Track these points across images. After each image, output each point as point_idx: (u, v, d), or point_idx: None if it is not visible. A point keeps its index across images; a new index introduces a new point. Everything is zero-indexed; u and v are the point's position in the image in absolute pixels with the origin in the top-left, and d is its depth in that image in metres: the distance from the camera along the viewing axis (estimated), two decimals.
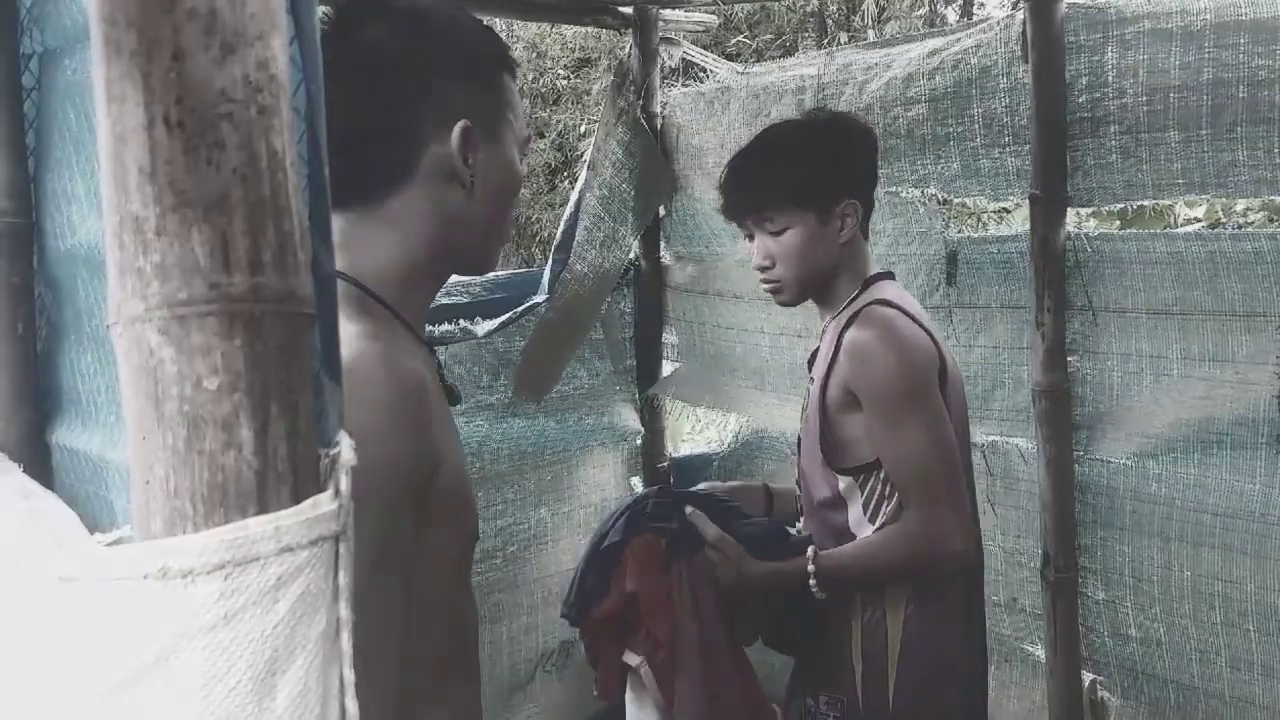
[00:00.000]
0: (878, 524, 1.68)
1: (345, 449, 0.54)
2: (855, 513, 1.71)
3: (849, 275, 1.77)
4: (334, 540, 0.52)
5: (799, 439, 1.84)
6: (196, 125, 0.49)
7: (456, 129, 1.05)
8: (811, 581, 1.67)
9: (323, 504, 0.52)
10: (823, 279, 1.76)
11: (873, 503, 1.69)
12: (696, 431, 5.97)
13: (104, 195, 0.50)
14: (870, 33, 8.17)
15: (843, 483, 1.70)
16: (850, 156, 1.78)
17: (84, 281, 0.81)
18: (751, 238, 1.80)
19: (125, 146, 0.49)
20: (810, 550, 1.70)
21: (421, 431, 0.98)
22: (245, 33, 0.50)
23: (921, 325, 1.70)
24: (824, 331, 1.79)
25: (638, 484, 3.15)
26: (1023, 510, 2.37)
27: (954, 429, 1.70)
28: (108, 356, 0.77)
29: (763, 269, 1.78)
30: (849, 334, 1.67)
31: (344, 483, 0.53)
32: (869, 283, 1.76)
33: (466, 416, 2.74)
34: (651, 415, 3.16)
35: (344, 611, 0.53)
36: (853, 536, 1.71)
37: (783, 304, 1.82)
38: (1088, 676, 2.30)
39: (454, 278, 1.29)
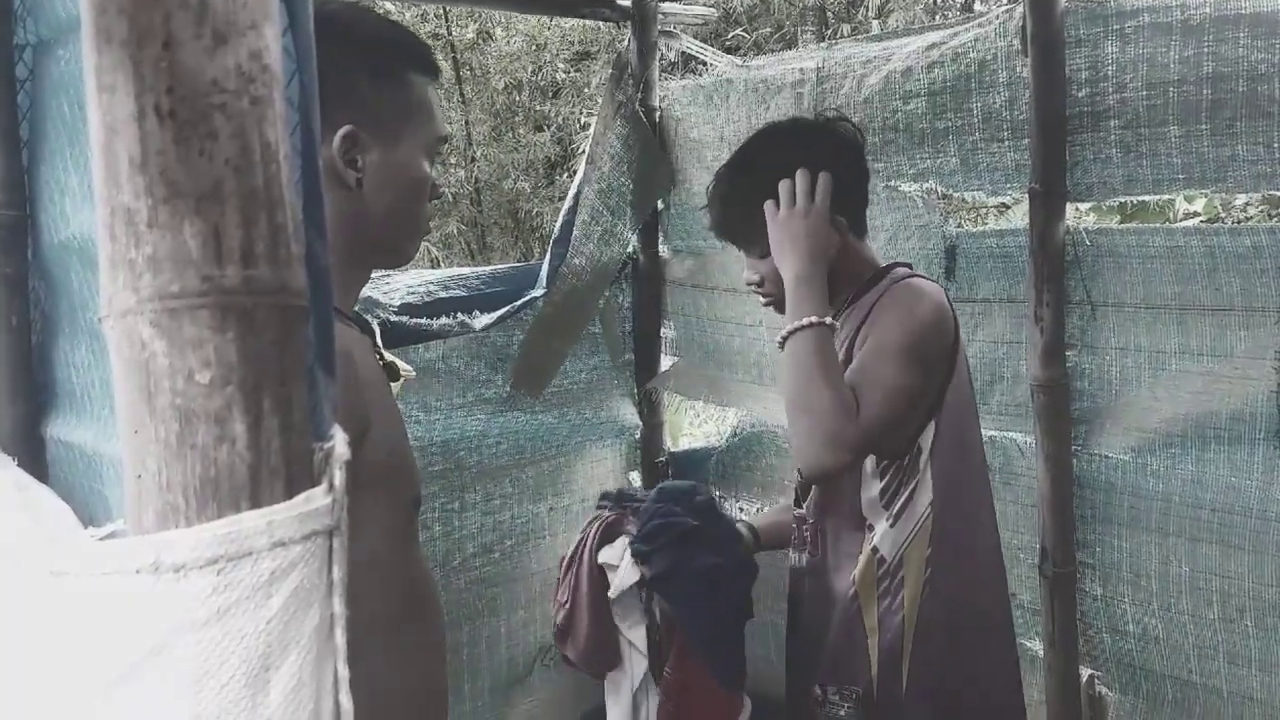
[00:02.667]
0: (892, 510, 1.68)
1: (339, 443, 0.54)
2: (870, 496, 1.70)
3: (845, 276, 1.75)
4: (328, 535, 0.52)
5: None
6: (188, 115, 0.48)
7: (338, 134, 1.09)
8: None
9: (316, 498, 0.52)
10: None
11: (892, 489, 1.68)
12: (695, 425, 5.97)
13: (95, 186, 0.50)
14: (875, 24, 8.15)
15: (868, 463, 1.69)
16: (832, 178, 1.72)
17: (78, 274, 0.81)
18: None
19: (116, 137, 0.48)
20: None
21: (346, 394, 1.02)
22: (237, 22, 0.49)
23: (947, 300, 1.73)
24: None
25: (636, 478, 3.15)
26: (1021, 505, 2.36)
27: (964, 404, 1.73)
28: (101, 349, 0.77)
29: (753, 284, 1.81)
30: (883, 301, 1.68)
31: (338, 477, 0.53)
32: (886, 270, 1.76)
33: (465, 410, 2.73)
34: (650, 409, 3.15)
35: (338, 606, 0.53)
36: (863, 519, 1.70)
37: (781, 313, 1.81)
38: (1085, 671, 2.30)
39: (448, 271, 1.32)
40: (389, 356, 1.25)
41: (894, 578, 1.69)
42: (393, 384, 1.20)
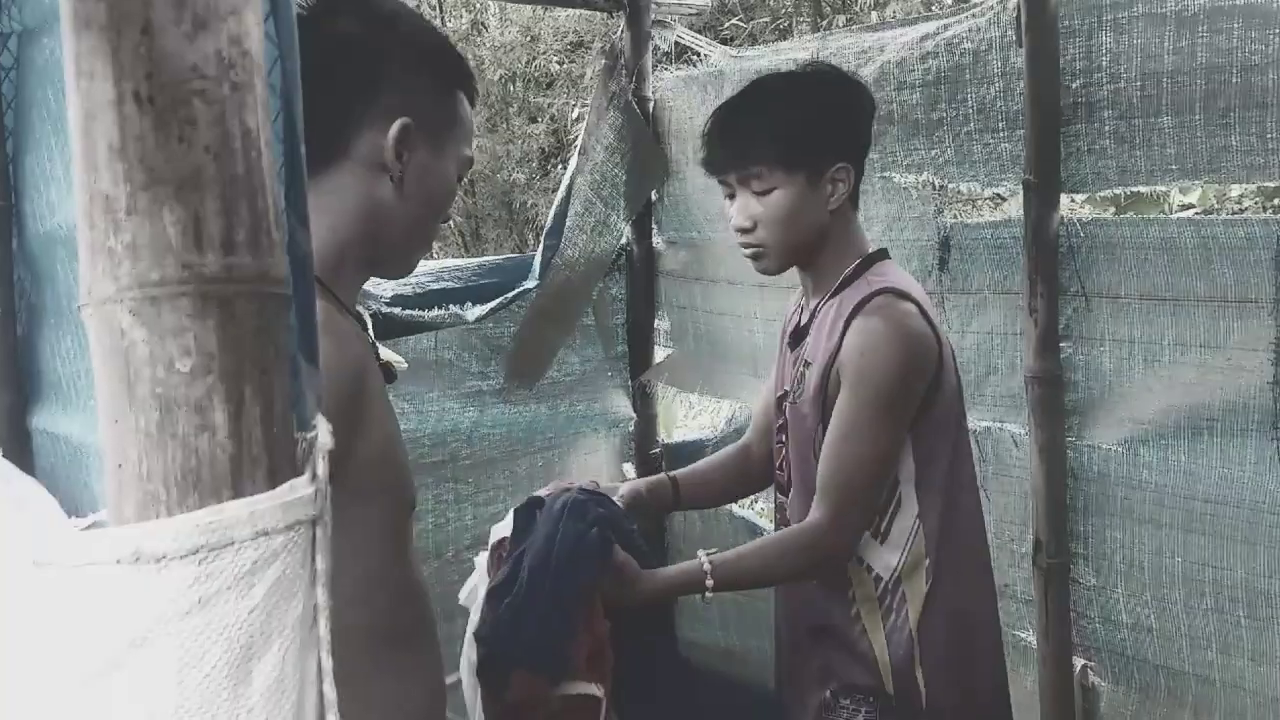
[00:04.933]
0: (876, 527, 1.65)
1: (322, 432, 0.54)
2: None
3: (838, 247, 1.68)
4: (310, 525, 0.52)
5: (784, 420, 1.77)
6: (167, 102, 0.48)
7: (397, 123, 1.10)
8: (708, 593, 1.62)
9: (299, 488, 0.51)
10: (808, 248, 1.68)
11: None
12: (690, 418, 5.97)
13: (74, 173, 0.49)
14: (874, 15, 8.12)
15: None
16: (847, 115, 1.69)
17: (63, 264, 0.81)
18: (732, 196, 1.69)
19: (94, 123, 0.48)
20: (704, 559, 1.62)
21: (345, 402, 1.00)
22: (218, 8, 0.49)
23: (927, 316, 1.65)
24: (816, 310, 1.71)
25: (630, 470, 3.14)
26: (1015, 496, 2.37)
27: (950, 412, 1.68)
28: (87, 339, 0.77)
29: (743, 230, 1.67)
30: (859, 321, 1.60)
31: (321, 467, 0.53)
32: (869, 261, 1.68)
33: (458, 403, 2.73)
34: (643, 401, 3.15)
35: (321, 597, 0.53)
36: None
37: (763, 271, 1.72)
38: (1079, 662, 2.31)
39: (441, 262, 1.32)
40: (385, 357, 1.24)
41: (894, 595, 1.66)
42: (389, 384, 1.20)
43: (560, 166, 9.17)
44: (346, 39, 1.10)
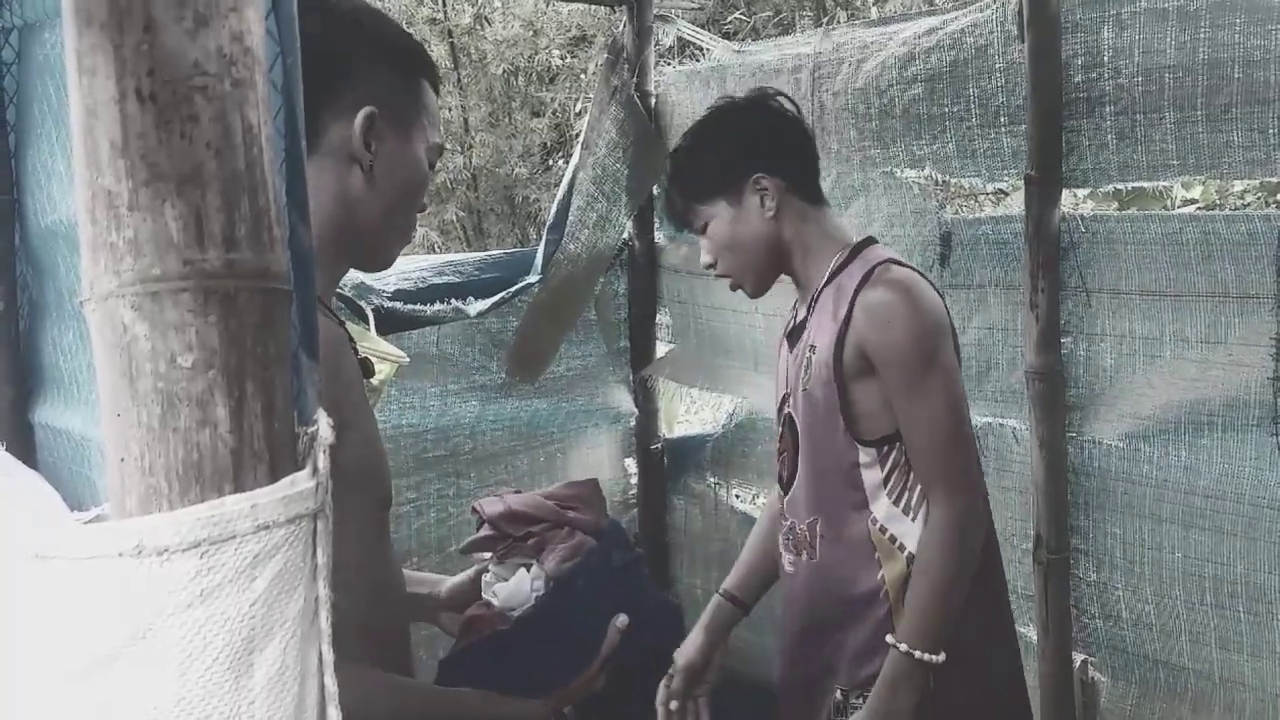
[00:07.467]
0: (898, 497, 1.65)
1: (323, 427, 0.54)
2: (872, 482, 1.66)
3: (811, 246, 1.73)
4: (312, 519, 0.52)
5: (788, 415, 1.77)
6: (169, 98, 0.48)
7: (362, 112, 1.11)
8: (928, 657, 1.58)
9: (300, 482, 0.52)
10: (772, 260, 1.75)
11: (894, 475, 1.65)
12: (690, 412, 5.96)
13: (76, 169, 0.50)
14: (875, 9, 8.10)
15: (864, 455, 1.65)
16: (740, 136, 1.76)
17: (64, 258, 0.81)
18: None
19: (96, 120, 0.48)
20: (905, 648, 1.58)
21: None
22: (219, 4, 0.49)
23: (932, 285, 1.69)
24: (812, 302, 1.73)
25: (631, 465, 3.15)
26: (1015, 491, 2.37)
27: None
28: (89, 334, 0.77)
29: (710, 266, 1.81)
30: (865, 294, 1.62)
31: (322, 461, 0.53)
32: (859, 247, 1.72)
33: (460, 397, 2.74)
34: (645, 396, 3.15)
35: (322, 590, 0.53)
36: (867, 509, 1.66)
37: (751, 295, 1.82)
38: (1079, 657, 2.31)
39: (443, 257, 1.31)
40: (382, 350, 1.24)
41: None
42: (368, 380, 1.19)
43: (562, 161, 9.16)
44: (308, 39, 1.10)
